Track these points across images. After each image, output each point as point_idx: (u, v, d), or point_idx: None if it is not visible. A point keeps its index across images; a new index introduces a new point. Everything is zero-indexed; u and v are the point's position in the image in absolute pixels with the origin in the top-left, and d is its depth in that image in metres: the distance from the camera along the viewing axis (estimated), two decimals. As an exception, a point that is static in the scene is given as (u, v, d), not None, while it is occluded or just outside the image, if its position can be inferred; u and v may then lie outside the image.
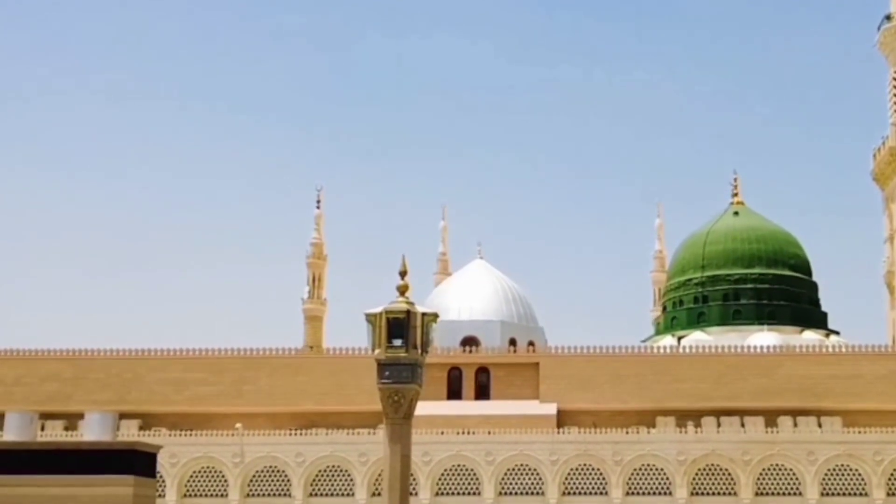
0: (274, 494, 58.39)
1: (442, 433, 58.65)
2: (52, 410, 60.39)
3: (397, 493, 27.55)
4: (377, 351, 27.45)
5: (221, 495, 58.18)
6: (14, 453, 26.76)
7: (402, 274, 29.57)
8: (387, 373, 27.51)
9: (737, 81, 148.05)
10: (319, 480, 58.67)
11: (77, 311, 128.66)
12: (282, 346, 68.82)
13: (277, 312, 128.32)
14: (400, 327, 27.53)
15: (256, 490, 58.70)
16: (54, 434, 58.00)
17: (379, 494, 58.32)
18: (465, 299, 73.69)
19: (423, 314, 28.24)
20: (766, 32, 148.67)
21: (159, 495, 50.75)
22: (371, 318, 27.74)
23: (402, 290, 28.47)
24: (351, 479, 58.24)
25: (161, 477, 53.02)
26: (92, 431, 27.43)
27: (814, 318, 79.73)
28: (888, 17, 72.38)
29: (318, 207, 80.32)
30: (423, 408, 72.00)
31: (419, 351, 27.57)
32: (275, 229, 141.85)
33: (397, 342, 27.47)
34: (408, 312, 27.64)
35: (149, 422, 62.46)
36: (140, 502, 26.28)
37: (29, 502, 25.54)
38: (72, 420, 60.87)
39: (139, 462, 26.83)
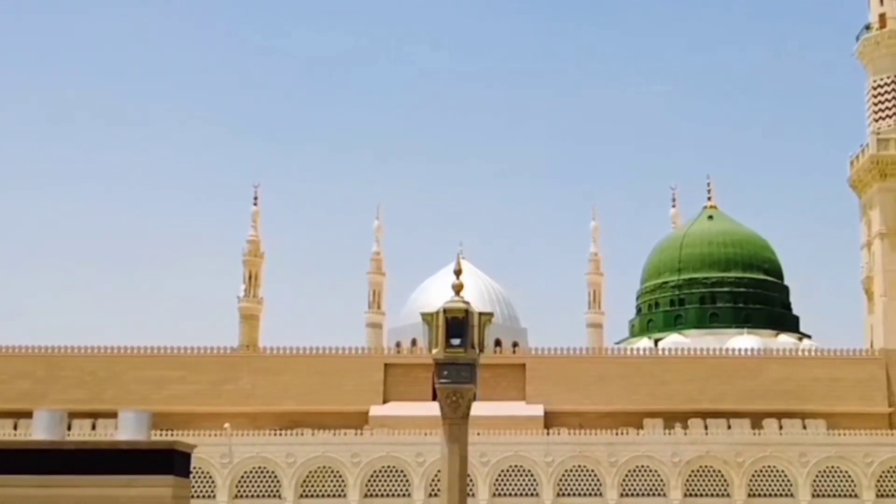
0: (264, 496, 57.31)
1: (426, 434, 57.50)
2: (25, 409, 58.39)
3: (456, 493, 27.04)
4: (435, 350, 26.93)
5: (209, 496, 56.84)
6: (49, 453, 25.98)
7: (458, 273, 29.10)
8: (445, 372, 26.99)
9: (712, 86, 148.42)
10: (311, 481, 57.69)
11: (50, 309, 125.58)
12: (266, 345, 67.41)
13: (213, 311, 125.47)
14: (459, 327, 27.07)
15: (246, 491, 57.53)
16: (28, 434, 56.03)
17: (371, 496, 57.63)
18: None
19: (480, 314, 27.86)
20: (743, 37, 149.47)
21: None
22: (427, 318, 27.23)
23: (458, 290, 28.02)
24: (343, 481, 57.37)
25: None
26: (127, 431, 26.64)
27: (787, 321, 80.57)
28: (867, 27, 73.10)
29: (255, 204, 78.96)
30: (408, 408, 70.69)
31: (477, 350, 27.17)
32: (213, 228, 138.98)
33: (456, 342, 26.97)
34: (466, 312, 27.21)
35: (127, 421, 60.74)
36: (178, 503, 25.66)
37: (66, 503, 24.80)
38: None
39: (177, 462, 26.19)
